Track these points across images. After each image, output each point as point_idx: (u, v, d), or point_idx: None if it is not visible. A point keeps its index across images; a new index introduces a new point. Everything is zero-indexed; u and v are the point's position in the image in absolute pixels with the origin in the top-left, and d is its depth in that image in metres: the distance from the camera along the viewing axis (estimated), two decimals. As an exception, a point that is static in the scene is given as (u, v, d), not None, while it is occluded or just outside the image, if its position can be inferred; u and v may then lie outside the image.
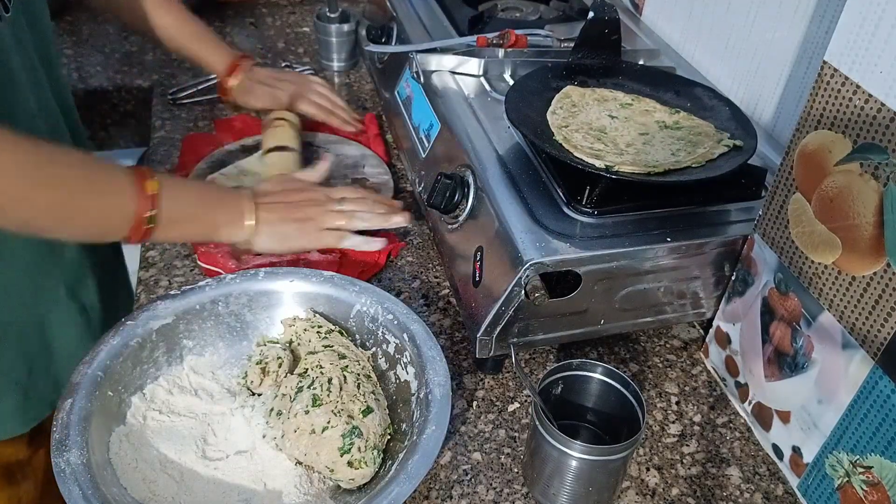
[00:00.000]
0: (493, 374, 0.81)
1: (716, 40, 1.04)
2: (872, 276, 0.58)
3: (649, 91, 0.91)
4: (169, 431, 0.69)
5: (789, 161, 0.66)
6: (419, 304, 0.88)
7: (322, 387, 0.69)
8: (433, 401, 0.67)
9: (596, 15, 0.90)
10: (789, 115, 0.92)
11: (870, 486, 0.62)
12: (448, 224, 0.84)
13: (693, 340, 0.88)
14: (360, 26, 1.26)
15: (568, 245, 0.71)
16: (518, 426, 0.76)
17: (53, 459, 0.60)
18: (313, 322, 0.77)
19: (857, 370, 0.62)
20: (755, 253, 0.73)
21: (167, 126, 1.14)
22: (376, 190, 1.02)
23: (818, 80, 0.62)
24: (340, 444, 0.65)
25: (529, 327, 0.75)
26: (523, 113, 0.82)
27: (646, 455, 0.74)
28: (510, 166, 0.81)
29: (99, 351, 0.69)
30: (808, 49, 0.88)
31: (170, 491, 0.65)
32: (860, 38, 0.57)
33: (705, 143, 0.80)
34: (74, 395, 0.65)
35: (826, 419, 0.66)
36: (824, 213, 0.63)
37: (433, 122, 0.93)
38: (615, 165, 0.74)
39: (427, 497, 0.69)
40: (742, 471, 0.74)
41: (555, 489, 0.66)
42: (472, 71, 0.98)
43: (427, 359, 0.70)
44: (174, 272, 0.89)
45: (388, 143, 1.14)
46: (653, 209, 0.77)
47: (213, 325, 0.76)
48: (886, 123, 0.55)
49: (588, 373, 0.70)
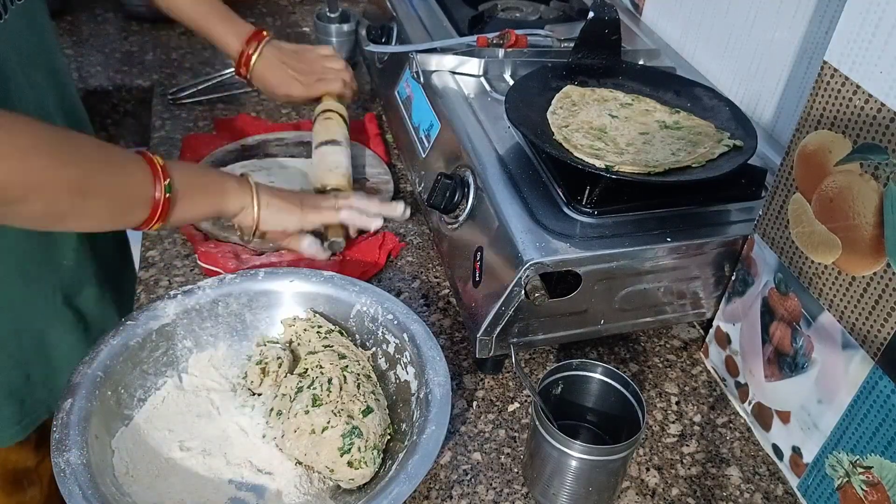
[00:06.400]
0: (493, 374, 0.81)
1: (716, 40, 1.04)
2: (872, 276, 0.58)
3: (649, 91, 0.91)
4: (169, 431, 0.69)
5: (789, 161, 0.66)
6: (419, 304, 0.88)
7: (322, 387, 0.69)
8: (433, 401, 0.67)
9: (596, 15, 0.90)
10: (789, 115, 0.92)
11: (870, 487, 0.62)
12: (448, 224, 0.84)
13: (693, 340, 0.88)
14: (360, 26, 1.26)
15: (568, 245, 0.71)
16: (518, 426, 0.76)
17: (53, 459, 0.60)
18: (313, 322, 0.77)
19: (857, 370, 0.62)
20: (755, 253, 0.73)
21: (167, 126, 1.14)
22: (376, 190, 1.02)
23: (818, 80, 0.62)
24: (340, 444, 0.65)
25: (529, 327, 0.75)
26: (523, 113, 0.82)
27: (646, 455, 0.74)
28: (510, 166, 0.81)
29: (99, 351, 0.69)
30: (808, 49, 0.88)
31: (169, 490, 0.65)
32: (860, 38, 0.57)
33: (705, 143, 0.80)
34: (74, 395, 0.65)
35: (826, 419, 0.66)
36: (824, 213, 0.63)
37: (433, 122, 0.93)
38: (615, 165, 0.74)
39: (427, 497, 0.69)
40: (742, 471, 0.74)
41: (555, 489, 0.66)
42: (472, 71, 0.98)
43: (427, 359, 0.70)
44: (174, 272, 0.89)
45: (388, 143, 1.14)
46: (653, 209, 0.77)
47: (213, 326, 0.76)
48: (886, 123, 0.55)
49: (588, 373, 0.70)
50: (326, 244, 0.87)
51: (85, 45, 1.38)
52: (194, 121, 1.16)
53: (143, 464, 0.66)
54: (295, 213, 0.82)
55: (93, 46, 1.38)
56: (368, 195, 0.90)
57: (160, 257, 0.91)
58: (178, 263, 0.90)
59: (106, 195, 0.66)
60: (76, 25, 1.44)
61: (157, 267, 0.89)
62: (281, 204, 0.81)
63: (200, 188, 0.75)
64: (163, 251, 0.91)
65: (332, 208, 0.85)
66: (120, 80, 1.29)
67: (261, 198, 0.79)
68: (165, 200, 0.69)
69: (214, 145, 1.07)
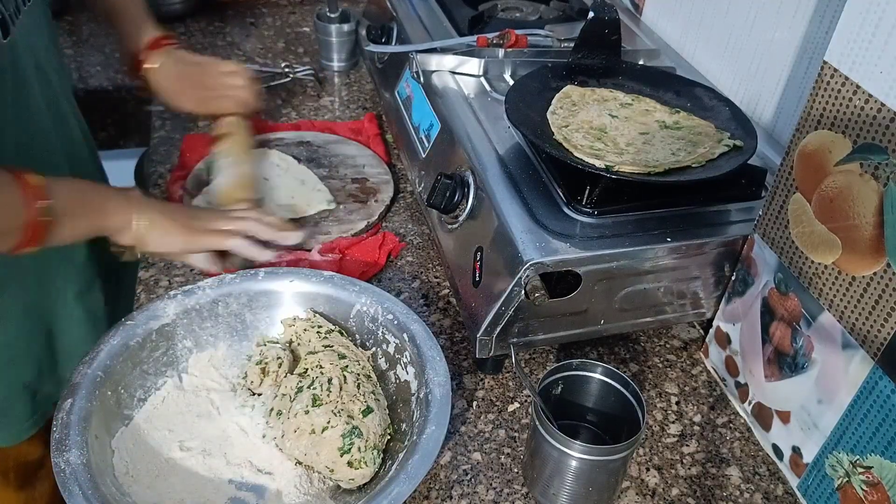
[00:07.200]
0: (493, 374, 0.81)
1: (716, 40, 1.04)
2: (872, 276, 0.58)
3: (649, 91, 0.91)
4: (169, 431, 0.69)
5: (789, 161, 0.66)
6: (419, 304, 0.88)
7: (322, 387, 0.69)
8: (433, 401, 0.67)
9: (596, 15, 0.90)
10: (789, 115, 0.92)
11: (870, 487, 0.62)
12: (448, 224, 0.84)
13: (693, 340, 0.88)
14: (360, 26, 1.26)
15: (568, 245, 0.71)
16: (518, 426, 0.76)
17: (53, 459, 0.60)
18: (313, 322, 0.77)
19: (857, 370, 0.62)
20: (755, 253, 0.73)
21: (167, 126, 1.14)
22: (376, 190, 1.02)
23: (818, 80, 0.62)
24: (340, 444, 0.65)
25: (529, 327, 0.75)
26: (523, 113, 0.82)
27: (646, 455, 0.74)
28: (510, 166, 0.81)
29: (99, 351, 0.69)
30: (808, 49, 0.88)
31: (169, 490, 0.65)
32: (860, 38, 0.57)
33: (705, 143, 0.80)
34: (74, 395, 0.65)
35: (826, 419, 0.66)
36: (824, 213, 0.63)
37: (433, 122, 0.93)
38: (615, 165, 0.74)
39: (427, 497, 0.69)
40: (742, 471, 0.74)
41: (555, 489, 0.66)
42: (472, 71, 0.98)
43: (427, 359, 0.70)
44: (174, 272, 0.89)
45: (388, 143, 1.14)
46: (653, 209, 0.77)
47: (213, 326, 0.76)
48: (886, 123, 0.55)
49: (588, 373, 0.70)
50: (227, 262, 0.83)
51: (85, 45, 1.38)
52: (194, 121, 1.15)
53: (143, 464, 0.66)
54: (181, 233, 0.77)
55: (93, 46, 1.38)
56: (267, 215, 0.86)
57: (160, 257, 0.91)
58: (179, 263, 0.90)
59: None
60: (76, 25, 1.44)
61: (157, 267, 0.89)
62: (167, 224, 0.76)
63: (80, 207, 0.71)
64: (163, 251, 0.91)
65: (222, 233, 0.80)
66: (120, 80, 1.29)
67: (146, 216, 0.75)
68: (40, 223, 0.64)
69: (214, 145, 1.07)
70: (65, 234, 0.68)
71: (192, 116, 1.16)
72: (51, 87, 0.81)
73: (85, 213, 0.72)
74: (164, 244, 0.77)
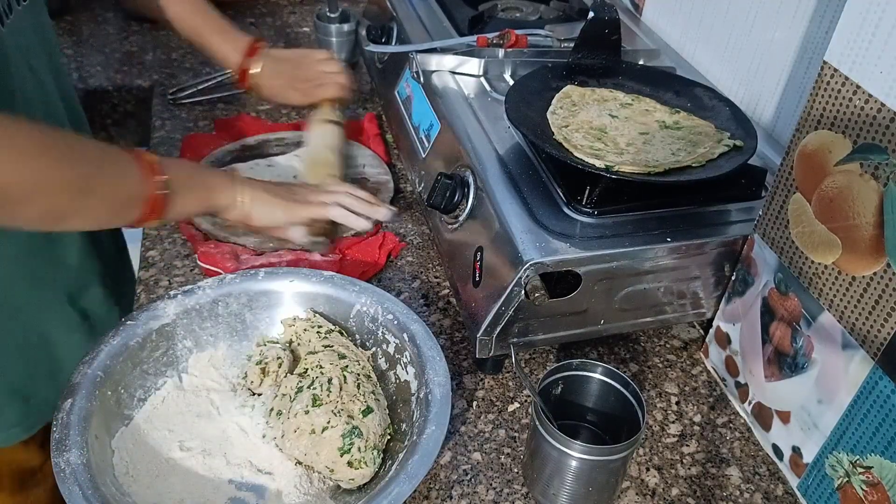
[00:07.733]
0: (493, 374, 0.81)
1: (716, 40, 1.04)
2: (872, 276, 0.58)
3: (649, 91, 0.91)
4: (169, 431, 0.69)
5: (789, 161, 0.66)
6: (419, 304, 0.88)
7: (322, 387, 0.69)
8: (433, 401, 0.67)
9: (596, 15, 0.90)
10: (789, 115, 0.92)
11: (870, 487, 0.62)
12: (448, 224, 0.84)
13: (693, 340, 0.88)
14: (360, 26, 1.26)
15: (568, 245, 0.71)
16: (518, 426, 0.76)
17: (53, 459, 0.60)
18: (313, 322, 0.77)
19: (857, 370, 0.62)
20: (755, 253, 0.73)
21: (167, 126, 1.14)
22: (376, 190, 1.02)
23: (818, 80, 0.62)
24: (340, 444, 0.65)
25: (529, 327, 0.75)
26: (523, 113, 0.82)
27: (646, 455, 0.74)
28: (510, 166, 0.81)
29: (99, 351, 0.69)
30: (808, 49, 0.88)
31: (169, 490, 0.65)
32: (860, 38, 0.57)
33: (705, 143, 0.80)
34: (74, 395, 0.65)
35: (826, 419, 0.66)
36: (824, 213, 0.63)
37: (433, 122, 0.93)
38: (615, 165, 0.74)
39: (427, 497, 0.69)
40: (742, 471, 0.74)
41: (555, 489, 0.66)
42: (472, 71, 0.98)
43: (427, 359, 0.70)
44: (174, 272, 0.89)
45: (388, 143, 1.14)
46: (653, 209, 0.77)
47: (213, 326, 0.76)
48: (886, 123, 0.55)
49: (588, 373, 0.70)
50: (310, 242, 0.86)
51: (85, 45, 1.38)
52: (194, 121, 1.16)
53: (143, 464, 0.66)
54: (283, 206, 0.81)
55: (93, 46, 1.38)
56: (360, 190, 0.89)
57: (160, 257, 0.91)
58: (178, 263, 0.90)
59: (104, 194, 0.66)
60: (76, 25, 1.44)
61: (157, 267, 0.89)
62: (269, 198, 0.80)
63: (191, 185, 0.75)
64: (163, 251, 0.91)
65: (321, 203, 0.84)
66: (120, 80, 1.29)
67: (249, 192, 0.79)
68: (160, 197, 0.69)
69: (214, 145, 1.07)
70: (178, 209, 0.72)
71: (192, 116, 1.16)
72: (44, 88, 0.81)
73: (195, 190, 0.75)
74: (268, 218, 0.80)
